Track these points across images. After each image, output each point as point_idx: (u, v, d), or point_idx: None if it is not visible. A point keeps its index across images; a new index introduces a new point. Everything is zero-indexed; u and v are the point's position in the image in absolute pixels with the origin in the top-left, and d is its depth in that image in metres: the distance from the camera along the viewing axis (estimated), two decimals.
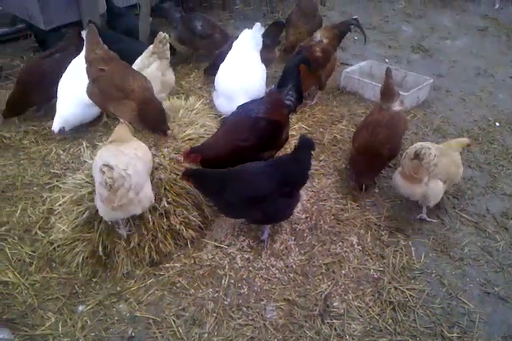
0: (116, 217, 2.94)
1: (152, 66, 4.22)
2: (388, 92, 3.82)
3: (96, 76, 3.71)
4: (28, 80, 4.41)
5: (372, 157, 3.65)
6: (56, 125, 4.16)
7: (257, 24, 4.36)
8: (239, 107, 3.62)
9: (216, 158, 3.32)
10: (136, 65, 4.18)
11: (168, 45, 4.29)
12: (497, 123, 4.77)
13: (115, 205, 2.71)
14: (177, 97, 4.32)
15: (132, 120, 3.63)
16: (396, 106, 3.79)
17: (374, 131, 3.68)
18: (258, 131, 3.42)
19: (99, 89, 3.72)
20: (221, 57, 4.50)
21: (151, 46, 4.24)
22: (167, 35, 4.26)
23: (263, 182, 3.09)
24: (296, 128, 4.51)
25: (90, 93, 3.82)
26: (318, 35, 4.78)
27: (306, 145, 3.21)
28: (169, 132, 3.63)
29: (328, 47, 4.75)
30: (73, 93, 4.16)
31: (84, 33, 4.25)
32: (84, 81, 3.93)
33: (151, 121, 3.64)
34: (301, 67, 3.87)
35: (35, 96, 4.44)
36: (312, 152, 3.25)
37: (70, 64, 4.33)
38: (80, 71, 4.12)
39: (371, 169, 3.76)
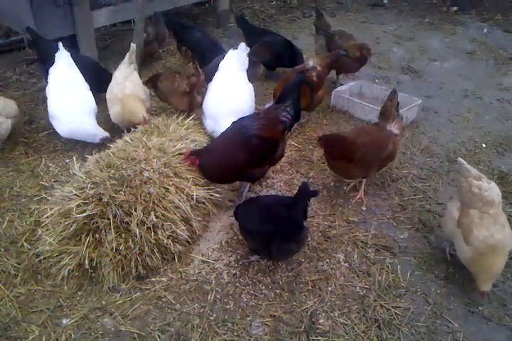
0: None
1: (134, 74, 4.39)
2: (384, 113, 3.87)
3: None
4: None
5: (343, 153, 3.72)
6: (104, 135, 4.21)
7: (242, 44, 4.37)
8: (233, 123, 3.64)
9: (212, 167, 3.41)
10: (122, 75, 4.32)
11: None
12: (483, 145, 4.83)
13: None
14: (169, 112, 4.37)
15: None
16: (392, 129, 3.81)
17: (358, 133, 3.81)
18: (250, 149, 3.44)
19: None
20: (208, 76, 4.54)
21: (127, 57, 4.37)
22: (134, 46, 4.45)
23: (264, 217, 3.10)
24: (287, 145, 4.55)
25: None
26: (310, 62, 4.77)
27: (303, 192, 3.02)
28: None
29: (322, 74, 4.77)
30: (84, 105, 4.22)
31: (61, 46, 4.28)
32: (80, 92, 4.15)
33: None
34: (302, 86, 3.92)
35: None
36: (309, 200, 3.06)
37: (52, 83, 4.24)
38: (70, 85, 4.20)
39: (335, 163, 3.87)
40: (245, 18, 6.26)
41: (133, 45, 4.41)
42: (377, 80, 6.06)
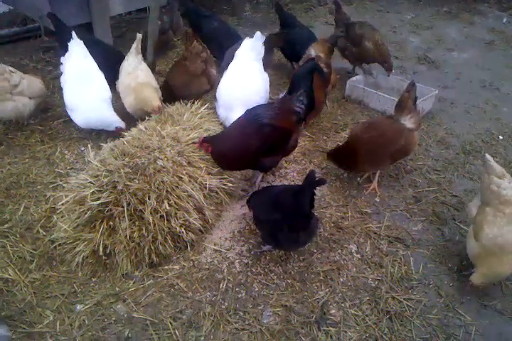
0: None
1: (143, 63, 4.38)
2: (399, 104, 3.80)
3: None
4: None
5: (349, 148, 3.74)
6: (120, 125, 4.23)
7: (257, 33, 4.28)
8: (247, 111, 3.62)
9: (224, 153, 3.40)
10: (130, 65, 4.31)
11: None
12: (500, 137, 4.77)
13: None
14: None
15: None
16: (406, 122, 3.73)
17: (366, 129, 3.77)
18: (262, 137, 3.43)
19: None
20: (225, 65, 4.51)
21: (134, 47, 4.34)
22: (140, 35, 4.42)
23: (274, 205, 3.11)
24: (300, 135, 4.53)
25: None
26: (312, 51, 4.71)
27: (309, 180, 2.96)
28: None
29: (329, 61, 4.72)
30: (100, 94, 4.21)
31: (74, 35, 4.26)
32: (95, 81, 4.14)
33: None
34: (314, 74, 3.88)
35: None
36: (315, 188, 2.98)
37: (67, 73, 4.21)
38: (84, 74, 4.18)
39: (341, 158, 3.86)
40: (283, 7, 6.16)
41: (139, 35, 4.38)
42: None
